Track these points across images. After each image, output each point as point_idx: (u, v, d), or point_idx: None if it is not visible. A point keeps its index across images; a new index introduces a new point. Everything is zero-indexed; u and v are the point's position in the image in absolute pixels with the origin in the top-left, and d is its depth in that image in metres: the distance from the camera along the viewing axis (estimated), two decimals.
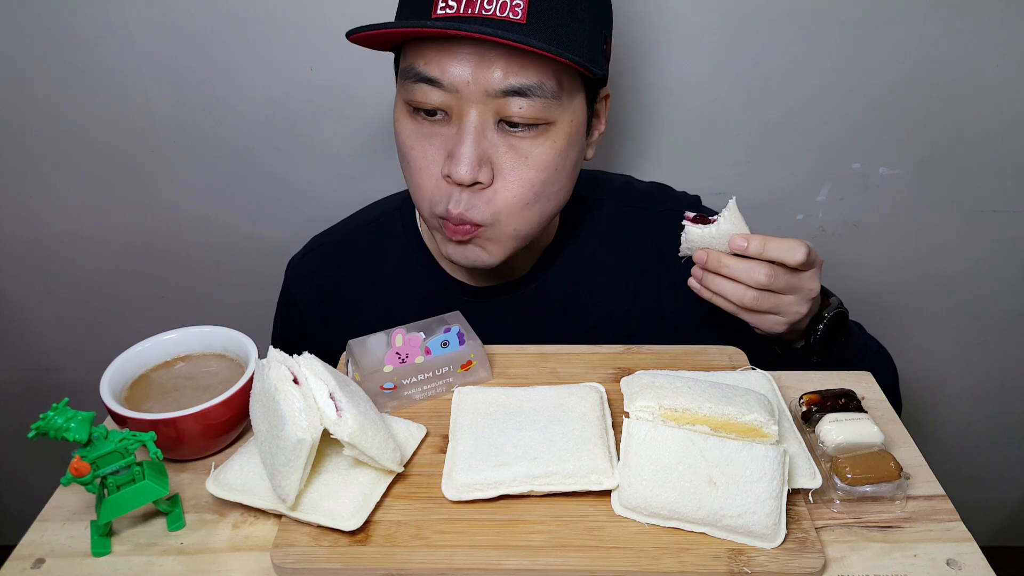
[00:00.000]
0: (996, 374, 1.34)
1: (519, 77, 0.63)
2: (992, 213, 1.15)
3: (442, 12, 0.62)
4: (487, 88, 0.64)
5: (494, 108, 0.65)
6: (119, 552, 0.52)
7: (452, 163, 0.66)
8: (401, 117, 0.70)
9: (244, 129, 1.08)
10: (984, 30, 0.99)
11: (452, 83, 0.64)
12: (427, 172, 0.69)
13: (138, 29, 0.99)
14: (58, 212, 1.15)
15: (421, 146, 0.69)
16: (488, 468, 0.54)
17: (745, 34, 1.00)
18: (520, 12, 0.62)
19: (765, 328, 0.70)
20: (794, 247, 0.64)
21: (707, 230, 0.67)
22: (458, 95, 0.65)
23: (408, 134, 0.69)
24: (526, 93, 0.64)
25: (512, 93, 0.64)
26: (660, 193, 0.90)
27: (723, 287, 0.67)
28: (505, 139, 0.67)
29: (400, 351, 0.64)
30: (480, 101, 0.64)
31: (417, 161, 0.69)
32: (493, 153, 0.67)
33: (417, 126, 0.69)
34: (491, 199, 0.68)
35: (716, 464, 0.51)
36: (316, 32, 1.00)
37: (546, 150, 0.68)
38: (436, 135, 0.68)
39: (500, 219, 0.69)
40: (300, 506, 0.52)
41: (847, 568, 0.50)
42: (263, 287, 1.09)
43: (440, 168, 0.68)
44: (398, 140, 0.71)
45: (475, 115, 0.65)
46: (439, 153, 0.68)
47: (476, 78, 0.63)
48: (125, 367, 0.62)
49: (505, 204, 0.69)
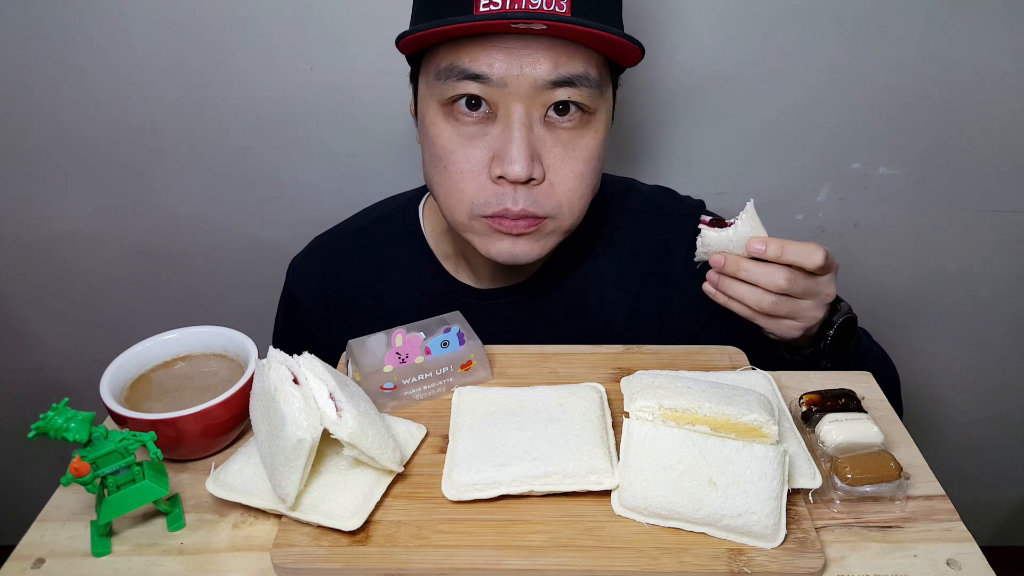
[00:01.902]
0: (996, 374, 1.34)
1: (567, 67, 0.63)
2: (992, 213, 1.15)
3: (486, 8, 0.61)
4: (536, 80, 0.63)
5: (541, 101, 0.64)
6: (119, 552, 0.52)
7: (504, 162, 0.65)
8: (436, 121, 0.67)
9: (244, 129, 1.08)
10: (984, 30, 0.99)
11: (501, 77, 0.63)
12: (470, 175, 0.67)
13: (138, 29, 0.99)
14: (58, 212, 1.15)
15: (463, 149, 0.67)
16: (488, 468, 0.54)
17: (745, 34, 1.01)
18: (565, 5, 0.61)
19: (780, 333, 0.69)
20: (812, 251, 0.63)
21: (724, 233, 0.66)
22: (505, 90, 0.63)
23: (448, 138, 0.67)
24: (574, 83, 0.64)
25: (561, 84, 0.63)
26: (664, 197, 0.89)
27: (740, 292, 0.66)
28: (552, 133, 0.66)
29: (400, 351, 0.64)
30: (528, 95, 0.64)
31: (459, 165, 0.67)
32: (541, 148, 0.66)
33: (457, 128, 0.67)
34: (548, 193, 0.68)
35: (716, 464, 0.51)
36: (316, 32, 1.00)
37: (590, 141, 0.68)
38: (479, 136, 0.66)
39: (561, 211, 0.70)
40: (300, 506, 0.52)
41: (847, 568, 0.50)
42: (263, 287, 1.09)
43: (485, 170, 0.67)
44: (434, 145, 0.68)
45: (522, 110, 0.64)
46: (483, 154, 0.66)
47: (526, 71, 0.62)
48: (125, 367, 0.62)
49: (565, 198, 0.69)
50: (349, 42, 1.00)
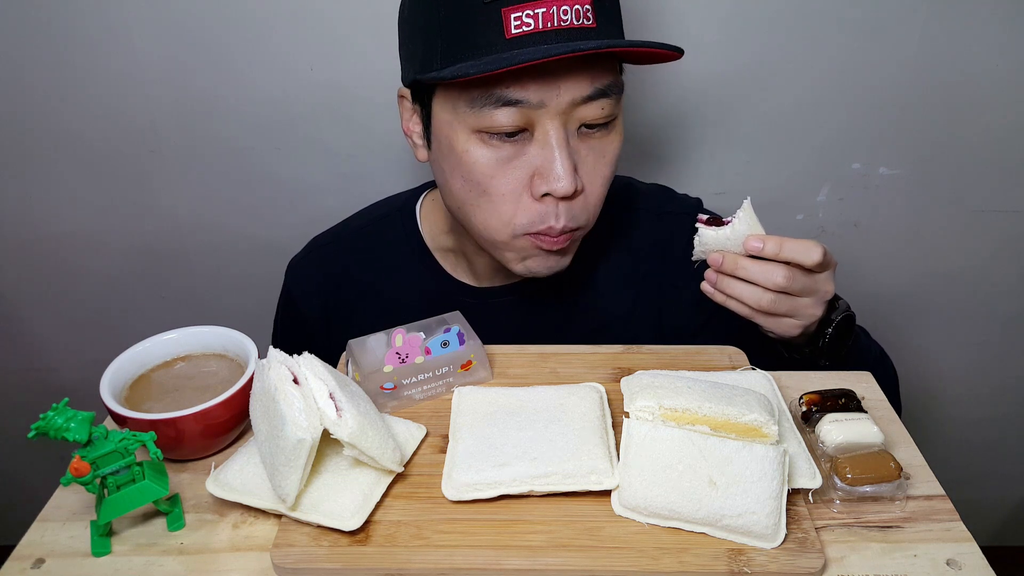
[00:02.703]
0: (996, 374, 1.34)
1: (601, 80, 0.64)
2: (992, 213, 1.15)
3: (518, 31, 0.60)
4: (574, 99, 0.63)
5: (577, 116, 0.65)
6: (119, 552, 0.52)
7: (549, 180, 0.65)
8: (471, 148, 0.66)
9: (244, 129, 1.08)
10: (984, 30, 0.99)
11: (540, 100, 0.63)
12: (512, 196, 0.67)
13: (138, 29, 0.99)
14: (58, 212, 1.15)
15: (503, 172, 0.66)
16: (488, 468, 0.54)
17: (745, 34, 1.01)
18: (591, 16, 0.62)
19: (779, 332, 0.68)
20: (810, 247, 0.63)
21: (721, 232, 0.66)
22: (543, 111, 0.63)
23: (487, 163, 0.66)
24: (607, 94, 0.65)
25: (596, 96, 0.64)
26: (662, 195, 0.89)
27: (739, 290, 0.66)
28: (585, 142, 0.67)
29: (400, 351, 0.64)
30: (564, 112, 0.64)
31: (500, 188, 0.67)
32: (578, 159, 0.67)
33: (495, 152, 0.66)
34: (584, 204, 0.69)
35: (716, 464, 0.51)
36: (316, 32, 1.00)
37: (615, 145, 0.69)
38: (517, 156, 0.66)
39: (590, 220, 0.71)
40: (300, 506, 0.52)
41: (847, 568, 0.50)
42: (263, 287, 1.09)
43: (525, 190, 0.67)
44: (471, 171, 0.67)
45: (558, 126, 0.64)
46: (523, 175, 0.66)
47: (563, 91, 0.63)
48: (125, 367, 0.62)
49: (593, 205, 0.70)
50: (349, 42, 1.00)
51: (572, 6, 0.61)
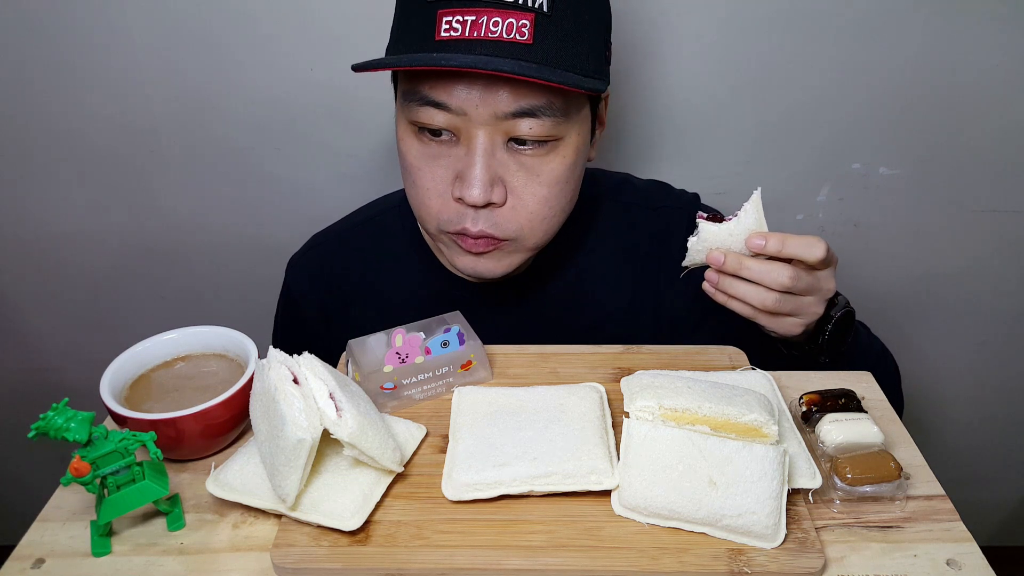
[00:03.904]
0: (996, 374, 1.34)
1: (528, 99, 0.63)
2: (992, 213, 1.15)
3: (446, 35, 0.61)
4: (496, 111, 0.63)
5: (503, 129, 0.64)
6: (119, 552, 0.52)
7: (464, 186, 0.65)
8: (405, 137, 0.69)
9: (244, 129, 1.08)
10: (984, 30, 0.99)
11: (460, 107, 0.63)
12: (435, 192, 0.68)
13: (138, 29, 0.99)
14: (58, 212, 1.15)
15: (429, 167, 0.68)
16: (488, 468, 0.54)
17: (745, 34, 1.00)
18: (527, 32, 0.60)
19: (782, 331, 0.68)
20: (813, 244, 0.62)
21: (724, 227, 0.64)
22: (466, 118, 0.64)
23: (414, 155, 0.68)
24: (535, 114, 0.63)
25: (521, 115, 0.63)
26: (658, 190, 0.90)
27: (742, 290, 0.65)
28: (515, 158, 0.66)
29: (400, 351, 0.64)
30: (489, 123, 0.64)
31: (424, 181, 0.68)
32: (504, 172, 0.66)
33: (423, 147, 0.67)
34: (509, 217, 0.68)
35: (716, 464, 0.51)
36: (316, 32, 1.00)
37: (556, 166, 0.67)
38: (443, 155, 0.67)
39: (523, 234, 0.70)
40: (300, 506, 0.52)
41: (847, 568, 0.50)
42: (263, 287, 1.09)
43: (449, 188, 0.67)
44: (403, 159, 0.70)
45: (484, 136, 0.64)
46: (447, 173, 0.67)
47: (485, 102, 0.62)
48: (125, 367, 0.62)
49: (526, 220, 0.69)
50: (349, 42, 1.00)
51: (505, 19, 0.60)
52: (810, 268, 0.64)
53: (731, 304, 0.67)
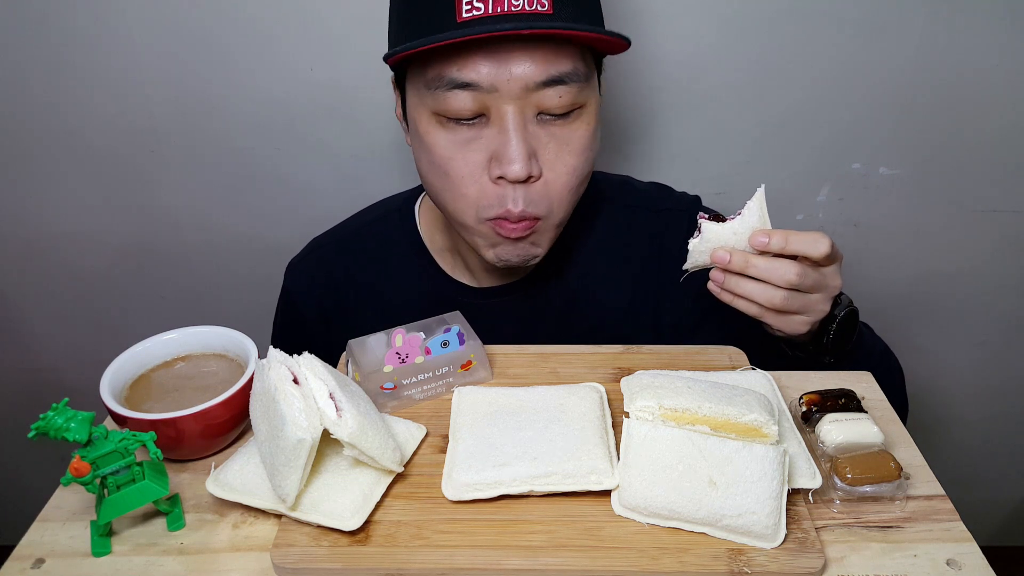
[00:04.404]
0: (996, 374, 1.34)
1: (556, 66, 0.63)
2: (992, 213, 1.15)
3: (469, 15, 0.61)
4: (527, 83, 0.63)
5: (533, 102, 0.64)
6: (119, 552, 0.52)
7: (503, 163, 0.65)
8: (430, 130, 0.67)
9: (244, 129, 1.08)
10: (984, 30, 0.99)
11: (491, 83, 0.63)
12: (471, 179, 0.68)
13: (138, 29, 0.99)
14: (58, 212, 1.15)
15: (462, 154, 0.67)
16: (488, 468, 0.54)
17: (745, 34, 1.00)
18: (547, 4, 0.61)
19: (788, 331, 0.67)
20: (817, 239, 0.62)
21: (728, 226, 0.63)
22: (497, 94, 0.63)
23: (444, 145, 0.67)
24: (564, 81, 0.64)
25: (551, 83, 0.63)
26: (659, 192, 0.90)
27: (749, 289, 0.64)
28: (546, 129, 0.67)
29: (400, 351, 0.64)
30: (519, 96, 0.64)
31: (459, 170, 0.67)
32: (537, 145, 0.66)
33: (453, 135, 0.67)
34: (545, 191, 0.68)
35: (716, 464, 0.51)
36: (316, 32, 1.00)
37: (583, 133, 0.68)
38: (475, 139, 0.66)
39: (552, 210, 0.70)
40: (300, 506, 0.52)
41: (847, 568, 0.50)
42: (263, 287, 1.09)
43: (484, 172, 0.67)
44: (431, 154, 0.68)
45: (515, 110, 0.64)
46: (481, 157, 0.67)
47: (515, 74, 0.62)
48: (125, 367, 0.62)
49: (557, 194, 0.69)
50: (349, 42, 1.00)
51: None
52: (815, 265, 0.64)
53: (737, 304, 0.66)
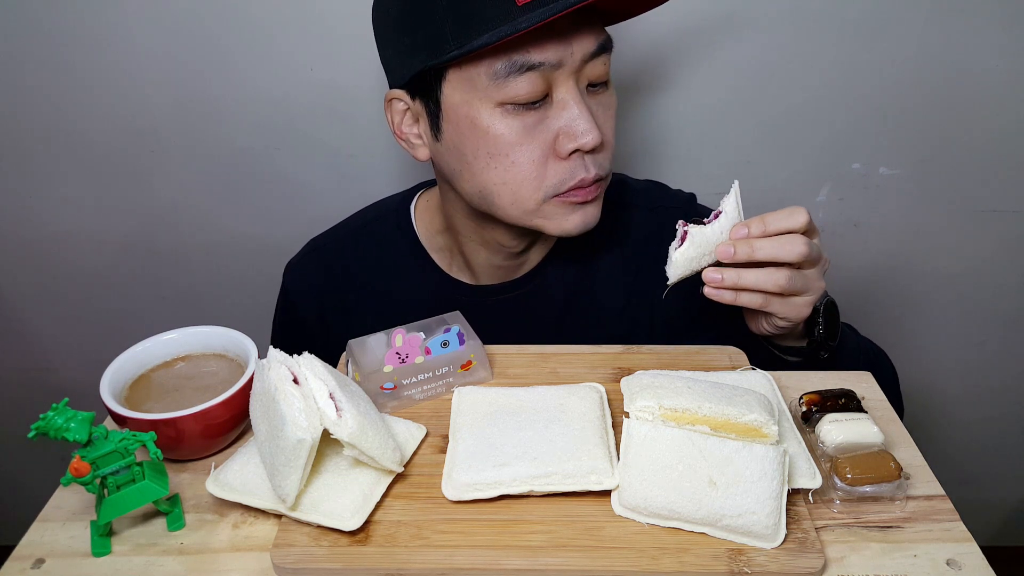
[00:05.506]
0: (996, 374, 1.34)
1: (601, 35, 0.67)
2: (992, 213, 1.15)
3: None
4: (584, 53, 0.65)
5: (586, 75, 0.67)
6: (119, 552, 0.52)
7: (577, 136, 0.66)
8: (494, 122, 0.67)
9: (244, 129, 1.08)
10: (984, 30, 0.99)
11: (558, 59, 0.64)
12: (539, 161, 0.68)
13: (138, 29, 0.99)
14: (58, 212, 1.15)
15: (529, 139, 0.67)
16: (488, 468, 0.54)
17: (745, 34, 1.01)
18: None
19: (793, 316, 0.66)
20: (793, 211, 0.63)
21: (715, 226, 0.64)
22: (560, 71, 0.65)
23: (512, 133, 0.67)
24: (607, 49, 0.68)
25: (599, 52, 0.67)
26: (655, 190, 0.90)
27: (753, 278, 0.63)
28: (595, 99, 0.70)
29: (400, 351, 0.64)
30: (576, 70, 0.66)
31: (529, 155, 0.68)
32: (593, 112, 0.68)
33: (520, 120, 0.67)
34: (605, 154, 0.71)
35: (716, 464, 0.51)
36: (316, 32, 1.00)
37: (614, 99, 0.73)
38: (540, 121, 0.67)
39: (607, 170, 0.73)
40: (300, 506, 0.52)
41: (847, 568, 0.50)
42: (263, 287, 1.09)
43: (549, 152, 0.68)
44: (497, 146, 0.68)
45: (574, 84, 0.66)
46: (548, 138, 0.68)
47: (575, 48, 0.65)
48: (125, 367, 0.62)
49: (609, 156, 0.72)
50: (349, 42, 1.00)
51: None
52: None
53: (740, 298, 0.65)
